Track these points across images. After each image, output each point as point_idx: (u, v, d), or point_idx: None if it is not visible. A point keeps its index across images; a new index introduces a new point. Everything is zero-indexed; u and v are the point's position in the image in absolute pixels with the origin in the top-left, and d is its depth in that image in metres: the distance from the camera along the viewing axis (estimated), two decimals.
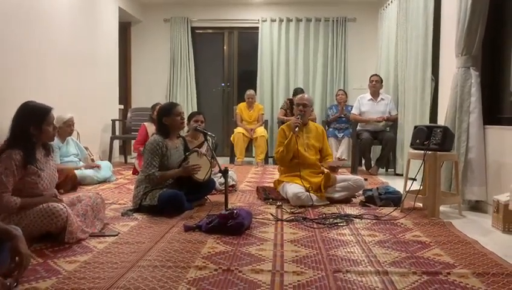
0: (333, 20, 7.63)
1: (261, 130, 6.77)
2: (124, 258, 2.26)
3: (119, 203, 3.66)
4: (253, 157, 6.96)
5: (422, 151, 3.37)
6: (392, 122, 5.99)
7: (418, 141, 3.50)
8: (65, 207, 2.52)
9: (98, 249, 2.43)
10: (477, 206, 3.67)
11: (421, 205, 3.54)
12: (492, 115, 3.66)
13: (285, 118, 6.66)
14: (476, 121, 3.57)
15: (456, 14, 3.71)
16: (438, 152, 3.34)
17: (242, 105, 7.06)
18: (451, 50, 3.87)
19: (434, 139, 3.37)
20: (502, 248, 2.54)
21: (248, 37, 8.07)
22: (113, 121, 6.59)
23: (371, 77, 6.18)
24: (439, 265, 2.22)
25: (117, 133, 6.74)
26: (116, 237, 2.67)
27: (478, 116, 3.57)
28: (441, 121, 4.09)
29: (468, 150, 3.57)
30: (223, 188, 3.42)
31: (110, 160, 6.00)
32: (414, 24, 5.19)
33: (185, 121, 4.49)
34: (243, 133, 6.69)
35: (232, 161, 6.79)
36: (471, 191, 3.57)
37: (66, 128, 4.59)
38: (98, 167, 4.81)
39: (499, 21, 3.65)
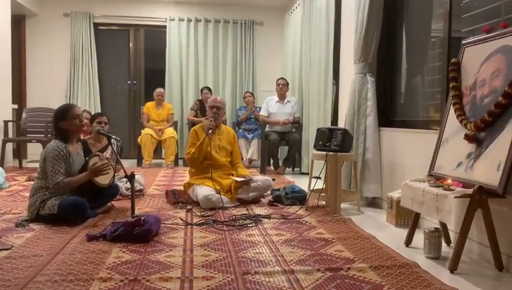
0: (241, 23, 7.74)
1: (170, 131, 6.64)
2: (18, 274, 2.08)
3: (13, 213, 3.37)
4: (163, 159, 6.81)
5: (325, 153, 3.57)
6: (297, 124, 6.26)
7: (320, 142, 3.69)
8: None
9: None
10: (374, 203, 3.96)
11: (324, 202, 3.73)
12: (386, 117, 3.97)
13: (196, 119, 6.63)
14: (372, 123, 3.85)
15: (354, 23, 3.97)
16: (339, 153, 3.55)
17: (150, 104, 6.86)
18: (350, 57, 4.13)
19: (335, 140, 3.58)
20: (395, 241, 2.77)
21: (155, 35, 7.87)
22: (6, 122, 6.03)
23: (278, 80, 6.39)
24: (340, 261, 2.36)
25: (10, 135, 6.19)
26: (9, 250, 2.45)
27: (374, 119, 3.86)
28: (342, 123, 4.35)
29: (365, 150, 3.84)
30: (130, 193, 3.29)
31: (2, 165, 5.50)
32: (317, 30, 5.44)
33: (86, 122, 4.26)
34: (151, 135, 6.50)
35: (139, 164, 6.58)
36: (368, 189, 3.85)
37: None
38: None
39: (392, 32, 3.97)
